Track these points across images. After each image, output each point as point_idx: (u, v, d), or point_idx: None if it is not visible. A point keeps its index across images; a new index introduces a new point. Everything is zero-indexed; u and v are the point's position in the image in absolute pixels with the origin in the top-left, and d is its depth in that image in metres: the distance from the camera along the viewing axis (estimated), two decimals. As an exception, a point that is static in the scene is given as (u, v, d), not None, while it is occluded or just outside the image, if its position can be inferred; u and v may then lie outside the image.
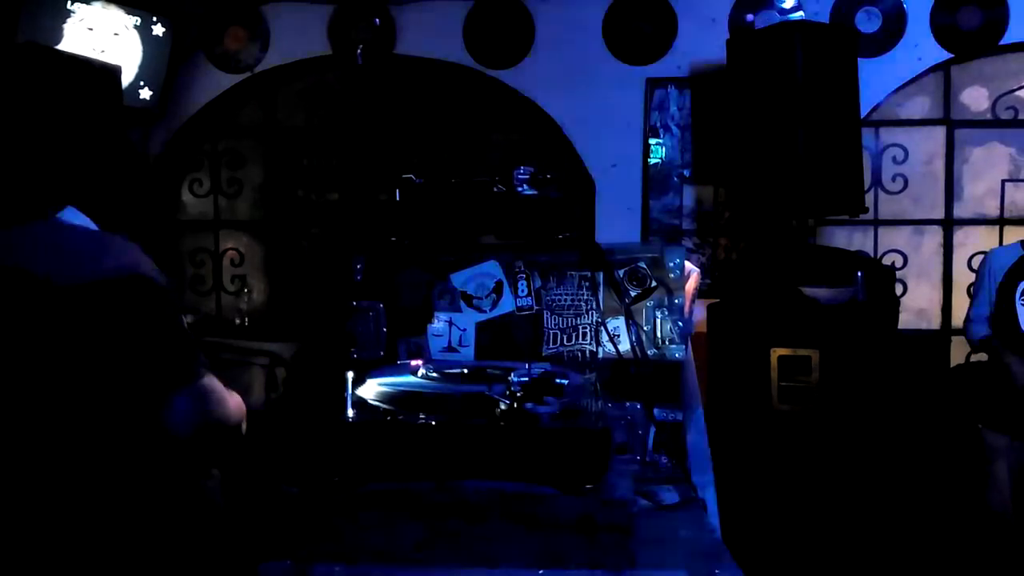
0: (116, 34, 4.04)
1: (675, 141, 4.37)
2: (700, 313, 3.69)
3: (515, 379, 1.61)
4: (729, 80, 3.98)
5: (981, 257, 3.81)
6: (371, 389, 1.76)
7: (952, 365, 4.31)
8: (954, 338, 4.32)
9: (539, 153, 4.44)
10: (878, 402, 3.66)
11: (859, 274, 3.73)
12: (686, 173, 4.37)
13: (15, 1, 3.65)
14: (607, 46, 4.33)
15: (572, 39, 4.34)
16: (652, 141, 4.37)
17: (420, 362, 1.98)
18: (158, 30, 4.21)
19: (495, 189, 2.39)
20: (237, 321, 4.52)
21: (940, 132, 4.36)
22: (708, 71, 4.27)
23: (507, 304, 2.26)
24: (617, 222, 4.33)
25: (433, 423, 1.60)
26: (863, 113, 3.99)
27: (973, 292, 3.62)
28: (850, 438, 3.60)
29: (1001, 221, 4.34)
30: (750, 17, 4.26)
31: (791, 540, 3.57)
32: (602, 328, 2.20)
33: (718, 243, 4.37)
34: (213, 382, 1.45)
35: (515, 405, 1.57)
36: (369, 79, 4.53)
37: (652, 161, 4.38)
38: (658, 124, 4.36)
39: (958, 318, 4.32)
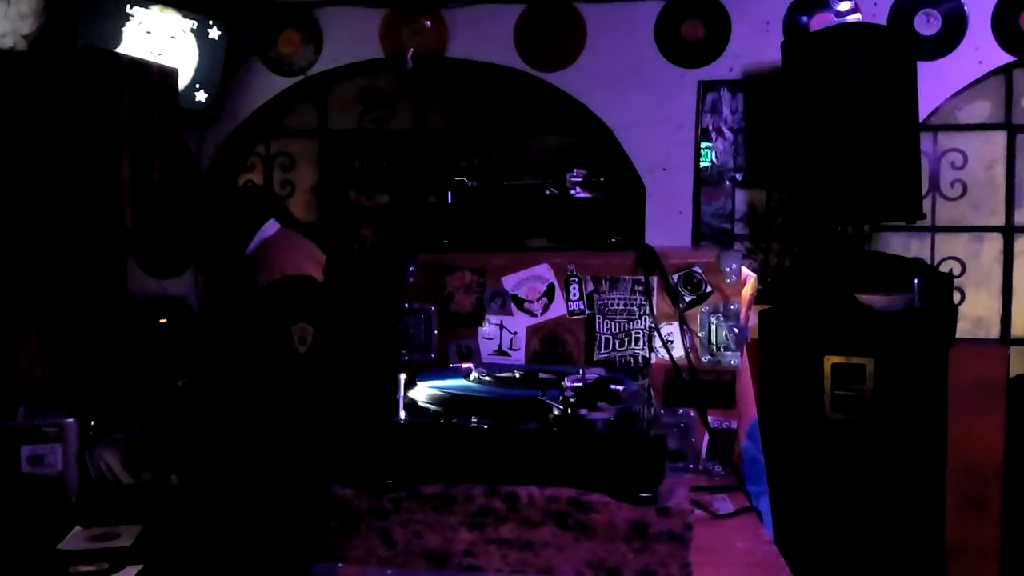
0: (173, 37, 4.11)
1: (727, 144, 4.32)
2: (752, 319, 3.64)
3: (569, 384, 1.58)
4: (784, 83, 3.93)
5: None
6: (422, 391, 1.76)
7: (1012, 376, 4.20)
8: (1014, 348, 4.22)
9: (589, 156, 4.42)
10: (934, 412, 3.58)
11: (916, 281, 3.65)
12: (738, 177, 4.32)
13: (75, 5, 3.72)
14: (659, 48, 4.30)
15: (624, 41, 4.31)
16: (703, 144, 4.33)
17: (471, 365, 1.97)
18: (214, 33, 4.27)
19: (547, 192, 2.38)
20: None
21: (1001, 137, 4.26)
22: (762, 74, 4.21)
23: (559, 308, 2.24)
24: (667, 226, 4.29)
25: (485, 427, 1.58)
26: (921, 117, 3.90)
27: None
28: (905, 448, 3.53)
29: (1064, 229, 4.23)
30: (805, 19, 4.20)
31: (844, 551, 3.51)
32: (655, 333, 2.17)
33: (771, 248, 4.31)
34: None
35: (568, 411, 1.55)
36: (420, 82, 4.54)
37: (703, 164, 4.33)
38: (710, 127, 4.32)
39: (1018, 327, 4.23)
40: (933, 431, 3.57)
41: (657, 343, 2.19)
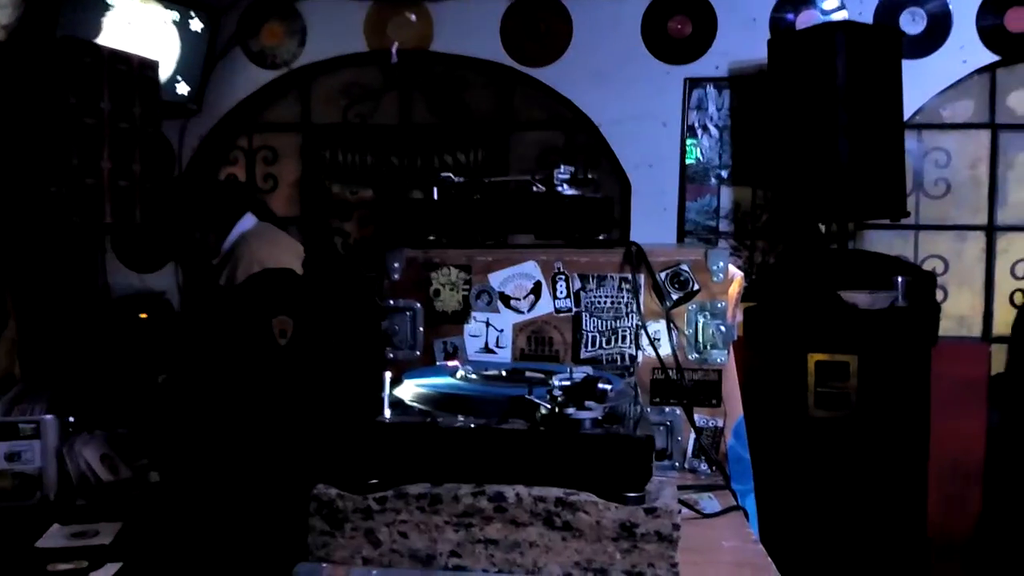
0: (155, 29, 4.06)
1: (713, 142, 4.32)
2: (739, 317, 3.64)
3: (557, 383, 1.57)
4: (770, 81, 3.93)
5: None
6: (408, 390, 1.73)
7: (993, 374, 4.23)
8: (995, 346, 4.24)
9: (575, 152, 4.40)
10: (917, 409, 3.59)
11: (899, 279, 3.67)
12: (724, 174, 4.32)
13: (55, -4, 3.68)
14: (645, 44, 4.30)
15: (610, 37, 4.30)
16: (689, 141, 4.32)
17: (458, 363, 1.95)
18: (196, 25, 4.22)
19: (534, 188, 2.36)
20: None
21: (985, 136, 4.28)
22: (748, 71, 4.21)
23: (545, 305, 2.23)
24: (652, 223, 4.29)
25: (472, 426, 1.56)
26: (906, 116, 3.91)
27: None
28: (888, 445, 3.54)
29: (1046, 228, 4.25)
30: (791, 16, 4.20)
31: (829, 547, 3.52)
32: (642, 331, 2.16)
33: (755, 246, 4.32)
34: None
35: (556, 409, 1.53)
36: (405, 76, 4.51)
37: (689, 161, 4.33)
38: (696, 124, 4.32)
39: (999, 325, 4.25)
40: (916, 428, 3.59)
41: (644, 341, 2.17)
